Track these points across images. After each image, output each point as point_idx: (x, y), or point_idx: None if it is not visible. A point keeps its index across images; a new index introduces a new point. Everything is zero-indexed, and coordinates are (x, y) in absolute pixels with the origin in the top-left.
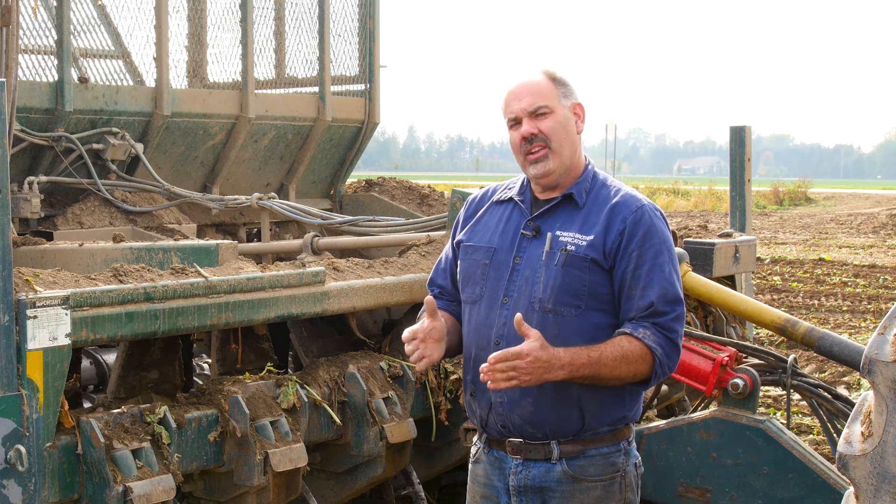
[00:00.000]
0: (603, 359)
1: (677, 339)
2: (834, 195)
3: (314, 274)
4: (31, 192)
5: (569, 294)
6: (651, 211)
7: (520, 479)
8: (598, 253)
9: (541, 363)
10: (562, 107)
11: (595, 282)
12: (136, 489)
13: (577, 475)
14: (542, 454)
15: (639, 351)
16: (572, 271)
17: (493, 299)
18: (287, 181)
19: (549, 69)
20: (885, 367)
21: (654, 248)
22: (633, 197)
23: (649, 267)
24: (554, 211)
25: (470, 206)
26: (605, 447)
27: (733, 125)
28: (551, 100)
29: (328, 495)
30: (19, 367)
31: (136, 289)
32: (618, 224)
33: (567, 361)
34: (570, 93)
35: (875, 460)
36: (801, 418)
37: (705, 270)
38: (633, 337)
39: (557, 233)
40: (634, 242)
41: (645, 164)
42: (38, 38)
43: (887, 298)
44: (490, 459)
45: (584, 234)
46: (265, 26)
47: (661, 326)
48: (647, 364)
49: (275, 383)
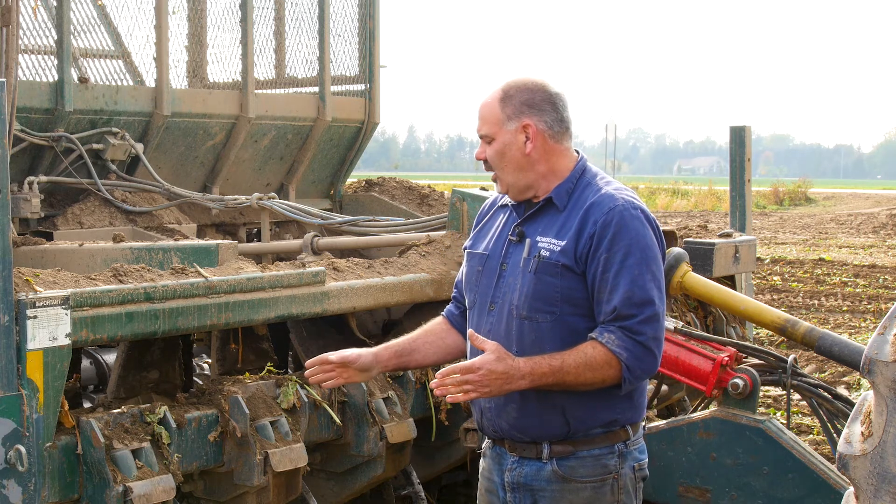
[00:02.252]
0: (565, 367)
1: (646, 341)
2: (834, 195)
3: (314, 274)
4: (31, 192)
5: (542, 301)
6: (624, 210)
7: (514, 476)
8: (570, 258)
9: (496, 375)
10: (504, 132)
11: (568, 287)
12: (136, 489)
13: (566, 475)
14: (533, 453)
15: (602, 357)
16: (544, 277)
17: (482, 306)
18: (287, 181)
19: (509, 83)
20: (885, 367)
21: (622, 251)
22: (609, 197)
23: (616, 270)
24: (537, 216)
25: (482, 211)
26: (597, 449)
27: (733, 125)
28: (493, 126)
29: (328, 495)
30: (19, 367)
31: (136, 289)
32: (589, 227)
33: (527, 371)
34: (519, 112)
35: (875, 460)
36: (801, 418)
37: (705, 270)
38: (598, 342)
39: (537, 238)
40: (603, 245)
41: (645, 164)
42: (38, 38)
43: (887, 298)
44: (493, 455)
45: (559, 238)
46: (265, 26)
47: (627, 330)
48: (613, 369)
49: (275, 383)
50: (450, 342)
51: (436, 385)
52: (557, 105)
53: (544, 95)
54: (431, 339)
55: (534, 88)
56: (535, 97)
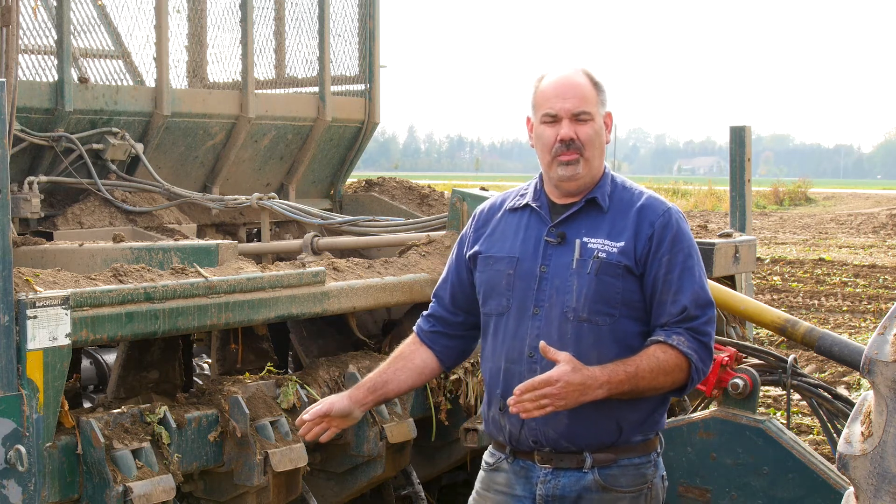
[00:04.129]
0: (640, 372)
1: (710, 343)
2: (834, 195)
3: (314, 274)
4: (31, 192)
5: (603, 302)
6: (676, 213)
7: (548, 489)
8: (630, 259)
9: (574, 387)
10: (599, 115)
11: (628, 289)
12: (136, 489)
13: (607, 485)
14: (574, 463)
15: (675, 359)
16: (606, 279)
17: (522, 310)
18: (287, 181)
19: (587, 71)
20: (885, 367)
21: (683, 252)
22: (658, 200)
23: (680, 271)
24: (577, 216)
25: (479, 218)
26: (637, 458)
27: (733, 125)
28: (593, 106)
29: (328, 495)
30: (19, 367)
31: (136, 289)
32: (646, 229)
33: (605, 380)
34: (606, 101)
35: (875, 460)
36: (801, 418)
37: (705, 270)
38: (668, 345)
39: (585, 239)
40: (664, 247)
41: (645, 164)
42: (38, 38)
43: (887, 298)
44: (514, 468)
45: (613, 240)
46: (265, 26)
47: (694, 331)
48: (683, 371)
49: (275, 383)
50: (418, 362)
51: (513, 402)
52: None
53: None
54: (400, 364)
55: None
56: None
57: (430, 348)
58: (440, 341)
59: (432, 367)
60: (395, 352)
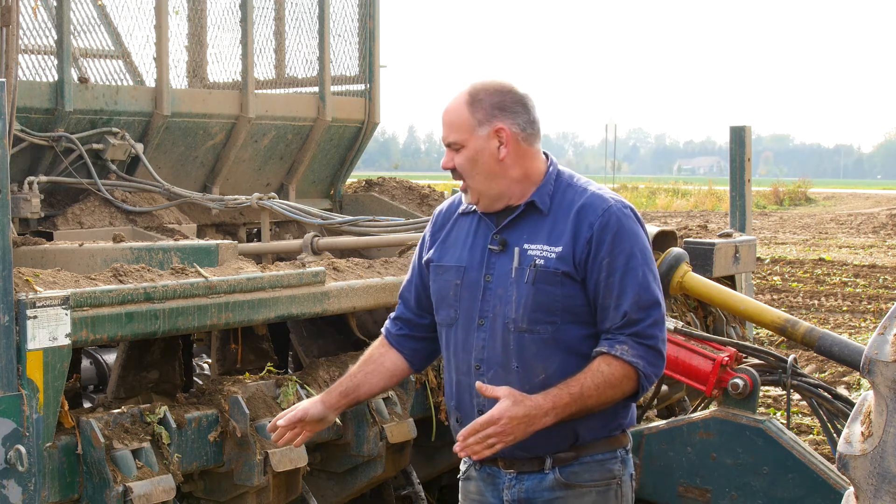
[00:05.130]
0: (585, 391)
1: (658, 345)
2: (834, 195)
3: (314, 274)
4: (31, 192)
5: (542, 311)
6: (618, 211)
7: (514, 493)
8: (569, 265)
9: (518, 420)
10: (475, 138)
11: (568, 295)
12: (136, 489)
13: (569, 482)
14: (535, 466)
15: (620, 371)
16: (543, 287)
17: (468, 321)
18: (287, 181)
19: (475, 86)
20: (885, 367)
21: (625, 253)
22: (599, 198)
23: (622, 273)
24: (518, 221)
25: (437, 219)
26: (600, 454)
27: (733, 125)
28: (463, 133)
29: (328, 495)
30: (19, 367)
31: (136, 289)
32: (585, 231)
33: (549, 407)
34: (491, 116)
35: (875, 460)
36: (801, 418)
37: (705, 270)
38: (611, 356)
39: (525, 246)
40: (604, 249)
41: (645, 164)
42: (38, 38)
43: (887, 298)
44: (482, 475)
45: (552, 244)
46: (265, 26)
47: (638, 336)
48: (631, 381)
49: (275, 383)
50: (389, 365)
51: (460, 449)
52: (528, 106)
53: (514, 97)
54: (370, 368)
55: (503, 90)
56: (505, 99)
57: (398, 352)
58: (408, 344)
59: (403, 370)
60: (365, 354)
